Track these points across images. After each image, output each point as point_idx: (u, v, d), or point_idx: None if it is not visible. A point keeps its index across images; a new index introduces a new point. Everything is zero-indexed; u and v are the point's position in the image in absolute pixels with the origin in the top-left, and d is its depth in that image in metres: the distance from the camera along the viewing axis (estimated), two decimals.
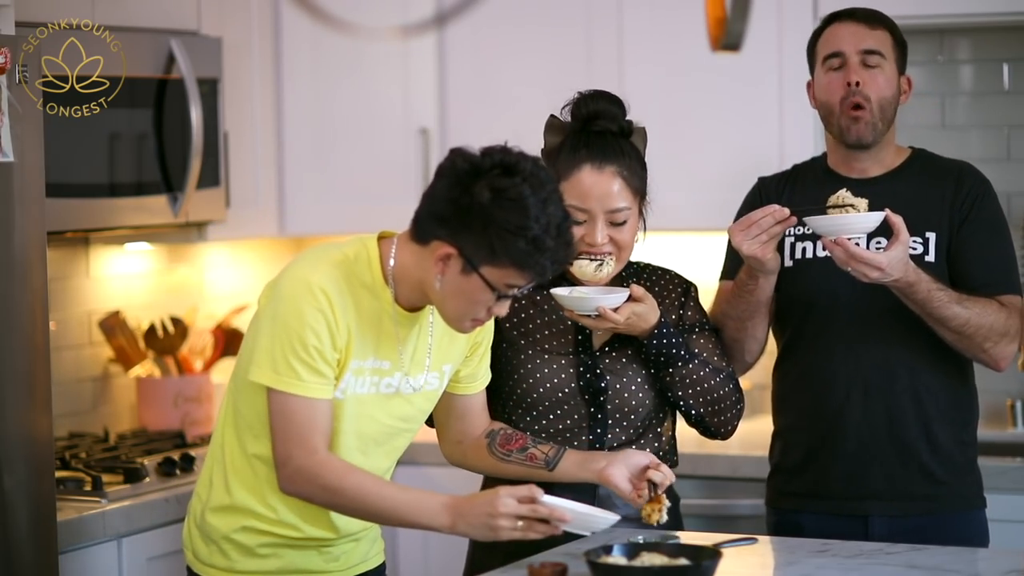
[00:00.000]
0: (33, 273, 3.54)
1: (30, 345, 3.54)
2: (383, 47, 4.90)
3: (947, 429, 3.54)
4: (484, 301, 2.95)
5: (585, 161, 3.34)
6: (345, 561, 3.19)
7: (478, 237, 2.89)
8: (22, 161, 3.51)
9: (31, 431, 3.53)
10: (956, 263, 3.51)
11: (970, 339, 3.44)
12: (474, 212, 2.88)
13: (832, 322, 3.54)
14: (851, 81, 3.50)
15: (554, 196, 2.92)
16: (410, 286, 3.03)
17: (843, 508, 3.55)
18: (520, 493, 2.92)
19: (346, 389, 3.03)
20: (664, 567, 2.86)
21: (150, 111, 4.26)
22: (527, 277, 2.92)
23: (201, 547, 3.14)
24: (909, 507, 3.52)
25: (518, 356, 3.40)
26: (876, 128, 3.52)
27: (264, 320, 3.00)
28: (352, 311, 3.01)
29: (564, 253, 2.93)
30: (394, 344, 3.07)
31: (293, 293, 2.98)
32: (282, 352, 2.96)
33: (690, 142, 4.76)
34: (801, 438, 3.62)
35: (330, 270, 3.01)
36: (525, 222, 2.87)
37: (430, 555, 4.74)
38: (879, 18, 3.57)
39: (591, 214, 3.32)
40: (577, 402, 3.37)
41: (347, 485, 2.98)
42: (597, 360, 3.40)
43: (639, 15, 4.78)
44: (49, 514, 3.58)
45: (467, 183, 2.89)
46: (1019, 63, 4.80)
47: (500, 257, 2.89)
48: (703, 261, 5.05)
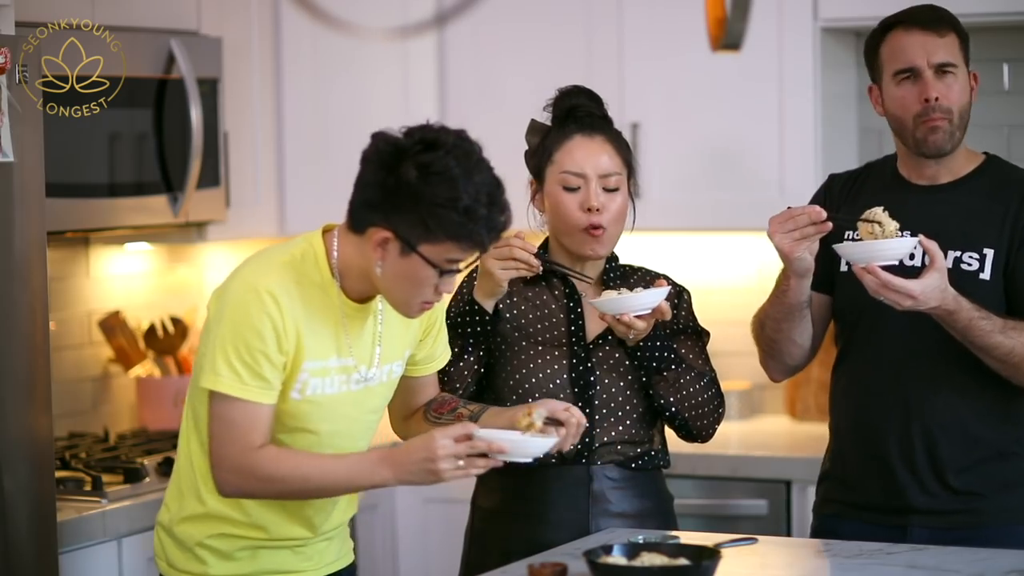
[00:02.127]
0: (33, 273, 3.54)
1: (30, 345, 3.54)
2: (383, 47, 4.90)
3: (993, 446, 3.42)
4: (428, 280, 2.95)
5: (575, 132, 3.41)
6: (319, 560, 3.19)
7: (411, 216, 2.89)
8: (22, 161, 3.51)
9: (31, 431, 3.53)
10: (1013, 283, 3.38)
11: (1016, 368, 3.33)
12: (403, 192, 2.89)
13: (880, 334, 3.44)
14: (929, 97, 3.37)
15: (481, 165, 2.92)
16: (356, 277, 3.03)
17: (883, 520, 3.45)
18: (455, 432, 2.93)
19: (304, 390, 3.02)
20: (664, 567, 2.86)
21: (150, 111, 4.26)
22: (466, 249, 2.92)
23: (175, 554, 3.13)
24: (950, 521, 3.42)
25: (512, 349, 3.42)
26: (954, 136, 3.40)
27: (212, 326, 3.00)
28: (303, 311, 3.00)
29: (499, 220, 2.93)
30: (354, 339, 3.06)
31: (240, 298, 2.98)
32: (225, 356, 2.96)
33: (690, 142, 4.76)
34: (846, 446, 3.53)
35: (278, 272, 3.01)
36: (454, 193, 2.87)
37: (430, 555, 4.75)
38: (945, 20, 3.42)
39: (585, 178, 3.37)
40: (567, 395, 3.38)
41: (284, 470, 2.98)
42: (590, 353, 3.41)
43: (639, 15, 4.78)
44: (49, 514, 3.58)
45: (392, 165, 2.90)
46: (1019, 63, 4.80)
47: (435, 233, 2.89)
48: (702, 261, 5.06)
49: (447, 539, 4.59)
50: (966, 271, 3.37)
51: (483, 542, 3.47)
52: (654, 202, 4.78)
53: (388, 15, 4.70)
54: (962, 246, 3.38)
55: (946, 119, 3.37)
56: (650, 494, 3.45)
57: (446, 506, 4.64)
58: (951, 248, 3.36)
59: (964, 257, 3.38)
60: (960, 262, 3.38)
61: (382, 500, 4.73)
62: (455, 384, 3.39)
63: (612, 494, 3.39)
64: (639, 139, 4.76)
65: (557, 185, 3.40)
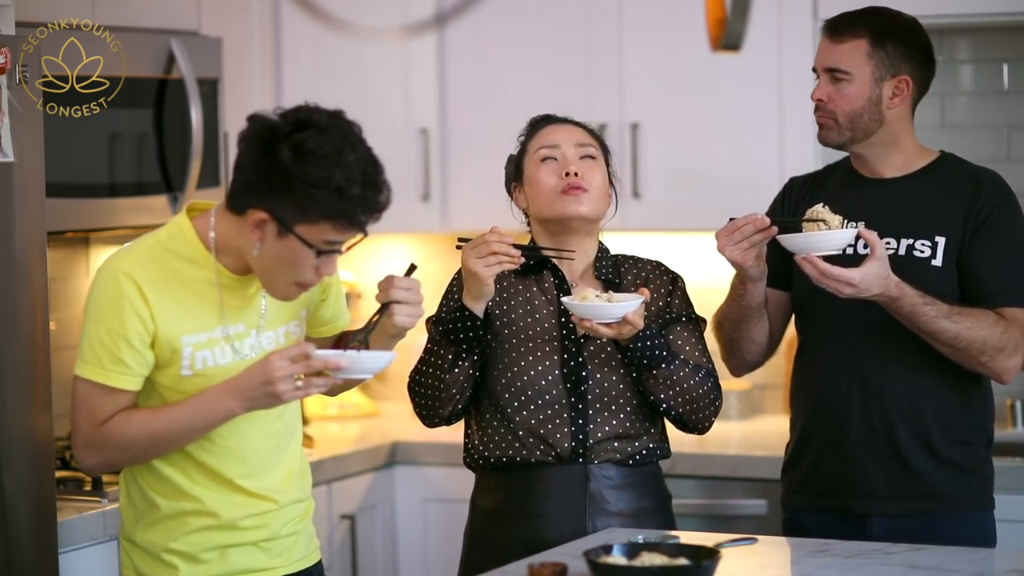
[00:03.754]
0: (33, 273, 3.54)
1: (30, 345, 3.54)
2: (383, 47, 4.90)
3: (950, 431, 3.53)
4: (306, 261, 2.96)
5: (551, 122, 3.51)
6: (288, 556, 3.21)
7: (286, 197, 2.90)
8: (22, 161, 3.51)
9: (31, 431, 3.53)
10: (966, 271, 3.50)
11: (964, 352, 3.44)
12: (277, 173, 2.90)
13: (835, 322, 3.55)
14: (813, 97, 3.57)
15: (356, 145, 2.92)
16: (234, 255, 3.05)
17: (844, 507, 3.55)
18: (291, 352, 2.95)
19: (193, 365, 3.05)
20: (664, 567, 2.86)
21: (150, 111, 4.26)
22: (342, 229, 2.93)
23: (144, 563, 3.15)
24: (908, 507, 3.52)
25: (502, 347, 3.42)
26: (845, 135, 3.55)
27: (84, 316, 3.08)
28: (172, 287, 3.04)
29: (376, 200, 2.93)
30: (237, 306, 3.08)
31: (100, 284, 3.04)
32: (89, 342, 3.04)
33: (689, 142, 4.76)
34: (806, 436, 3.63)
35: (140, 254, 3.06)
36: (327, 172, 2.88)
37: (430, 555, 4.75)
38: (850, 26, 3.55)
39: (560, 149, 3.44)
40: (559, 391, 3.39)
41: (131, 430, 3.03)
42: (581, 347, 3.42)
43: (639, 15, 4.78)
44: (49, 514, 3.58)
45: (268, 146, 2.91)
46: (1019, 63, 4.80)
47: (310, 213, 2.90)
48: (702, 261, 5.05)
49: (447, 539, 4.59)
50: (918, 258, 3.49)
51: (482, 542, 3.47)
52: (654, 202, 4.78)
53: (388, 15, 4.70)
54: (915, 234, 3.52)
55: (830, 119, 3.56)
56: (649, 493, 3.46)
57: (446, 506, 4.64)
58: (904, 236, 3.51)
59: (917, 244, 3.51)
60: (913, 249, 3.51)
61: (382, 500, 4.73)
62: (451, 391, 3.39)
63: (610, 494, 3.40)
64: (639, 139, 4.77)
65: (534, 164, 3.43)
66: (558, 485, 3.39)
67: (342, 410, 5.21)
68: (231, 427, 3.08)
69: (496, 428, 3.43)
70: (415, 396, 3.45)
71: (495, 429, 3.43)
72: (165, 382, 3.07)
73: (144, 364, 3.04)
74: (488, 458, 3.44)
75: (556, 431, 3.39)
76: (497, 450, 3.43)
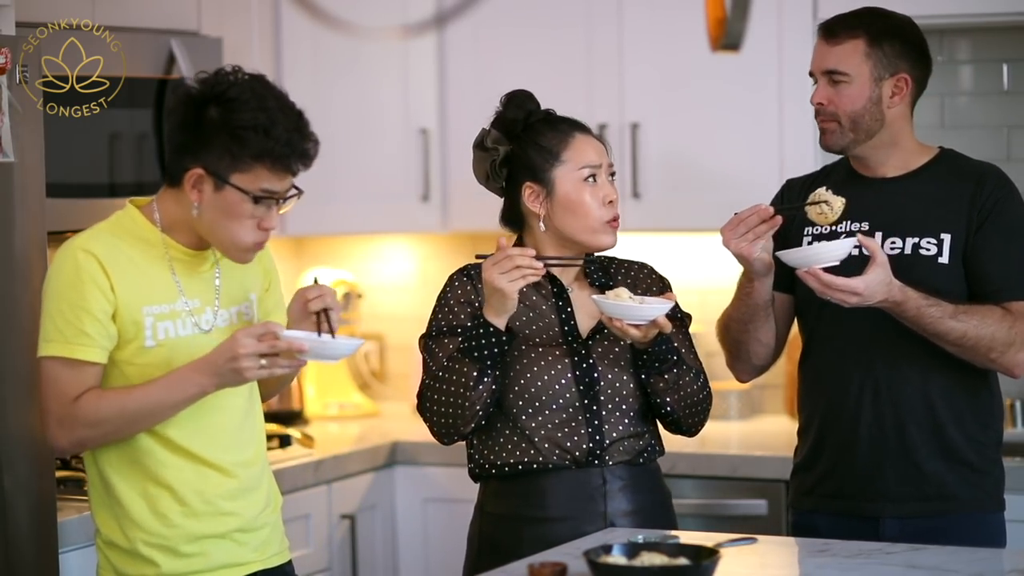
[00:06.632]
0: (33, 273, 3.54)
1: (30, 345, 3.53)
2: (383, 47, 4.90)
3: (961, 431, 3.51)
4: (245, 212, 3.03)
5: (571, 129, 3.46)
6: (264, 551, 3.23)
7: (217, 149, 3.00)
8: (22, 161, 3.51)
9: (31, 431, 3.53)
10: (971, 266, 3.49)
11: (972, 350, 3.43)
12: (206, 126, 3.00)
13: (845, 323, 3.52)
14: (812, 101, 3.56)
15: (279, 95, 3.05)
16: (184, 231, 3.12)
17: (856, 509, 3.53)
18: (257, 331, 3.00)
19: (156, 335, 3.09)
20: (664, 567, 2.86)
21: (150, 111, 4.26)
22: (274, 171, 3.02)
23: (123, 561, 3.15)
24: (920, 508, 3.50)
25: (512, 354, 3.39)
26: (848, 137, 3.53)
27: (42, 302, 3.10)
28: (130, 258, 3.09)
29: (305, 146, 3.04)
30: (192, 283, 3.14)
31: (58, 264, 3.09)
32: (52, 320, 3.06)
33: (689, 142, 4.76)
34: (816, 437, 3.60)
35: (97, 233, 3.12)
36: (253, 115, 2.98)
37: (430, 555, 4.75)
38: (845, 27, 3.54)
39: (599, 170, 3.42)
40: (572, 394, 3.38)
41: (103, 408, 3.06)
42: (589, 349, 3.42)
43: (639, 15, 4.78)
44: (49, 514, 3.58)
45: (196, 107, 3.01)
46: (1019, 63, 4.80)
47: (242, 158, 2.99)
48: (701, 261, 5.06)
49: (447, 539, 4.59)
50: (925, 256, 3.47)
51: (495, 547, 3.41)
52: (653, 202, 4.78)
53: (388, 15, 4.70)
54: (920, 232, 3.50)
55: (833, 121, 3.54)
56: (653, 489, 3.47)
57: (446, 506, 4.65)
58: (909, 235, 3.50)
59: (922, 242, 3.49)
60: (919, 248, 3.49)
61: (382, 500, 4.73)
62: (476, 407, 3.33)
63: (623, 493, 3.40)
64: (639, 139, 4.77)
65: (576, 182, 3.40)
66: (576, 488, 3.38)
67: (342, 410, 5.22)
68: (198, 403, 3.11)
69: (508, 436, 3.40)
70: (433, 415, 3.37)
71: (507, 438, 3.40)
72: (128, 357, 3.10)
73: (107, 336, 3.07)
74: (501, 467, 3.40)
75: (573, 434, 3.38)
76: (511, 458, 3.39)
